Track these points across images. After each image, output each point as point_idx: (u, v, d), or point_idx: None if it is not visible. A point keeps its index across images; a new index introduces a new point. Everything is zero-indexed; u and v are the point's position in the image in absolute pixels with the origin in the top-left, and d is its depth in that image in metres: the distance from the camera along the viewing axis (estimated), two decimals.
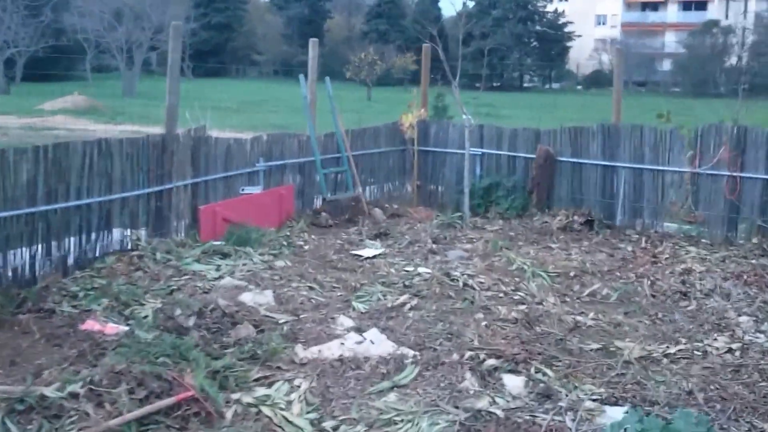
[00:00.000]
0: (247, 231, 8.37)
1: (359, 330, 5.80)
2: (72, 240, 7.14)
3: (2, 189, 6.41)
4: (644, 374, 5.16)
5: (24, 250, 6.64)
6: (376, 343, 5.56)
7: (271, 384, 4.88)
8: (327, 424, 4.37)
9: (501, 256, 8.15)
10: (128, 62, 46.79)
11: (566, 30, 67.73)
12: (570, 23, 67.36)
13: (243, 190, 9.19)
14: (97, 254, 7.36)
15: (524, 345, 5.59)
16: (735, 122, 11.46)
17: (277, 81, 50.80)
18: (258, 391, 4.72)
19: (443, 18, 57.08)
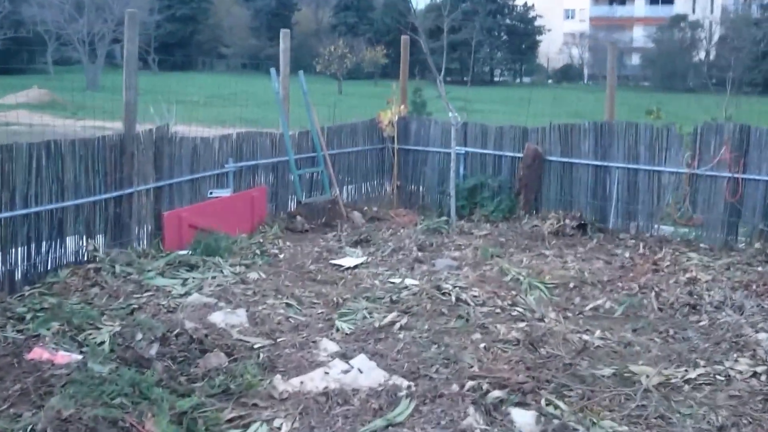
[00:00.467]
0: (216, 238, 7.70)
1: (345, 356, 5.17)
2: (20, 252, 6.41)
3: None
4: (667, 405, 4.61)
5: None
6: (365, 372, 4.93)
7: (247, 426, 4.24)
8: None
9: (492, 265, 7.58)
10: (91, 55, 45.35)
11: (536, 24, 67.47)
12: (539, 17, 67.11)
13: (211, 194, 8.47)
14: (49, 267, 6.64)
15: (530, 371, 5.02)
16: (729, 119, 11.04)
17: (246, 74, 49.68)
18: None
19: (414, 10, 56.30)
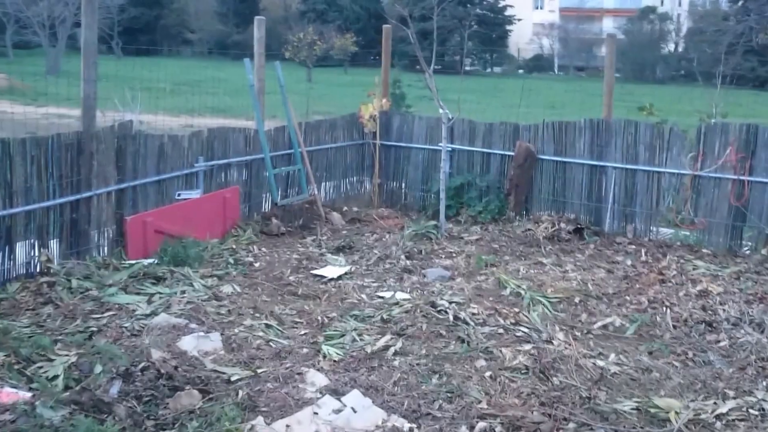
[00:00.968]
0: (185, 246, 6.99)
1: (336, 392, 4.54)
2: None
3: None
4: None
5: None
6: (360, 412, 4.31)
7: None
8: None
9: (487, 275, 7.01)
10: (51, 39, 43.75)
11: (506, 14, 67.04)
12: (510, 6, 66.68)
13: (179, 196, 7.74)
14: None
15: (545, 407, 4.45)
16: (724, 116, 10.60)
17: (213, 60, 48.41)
18: None
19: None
